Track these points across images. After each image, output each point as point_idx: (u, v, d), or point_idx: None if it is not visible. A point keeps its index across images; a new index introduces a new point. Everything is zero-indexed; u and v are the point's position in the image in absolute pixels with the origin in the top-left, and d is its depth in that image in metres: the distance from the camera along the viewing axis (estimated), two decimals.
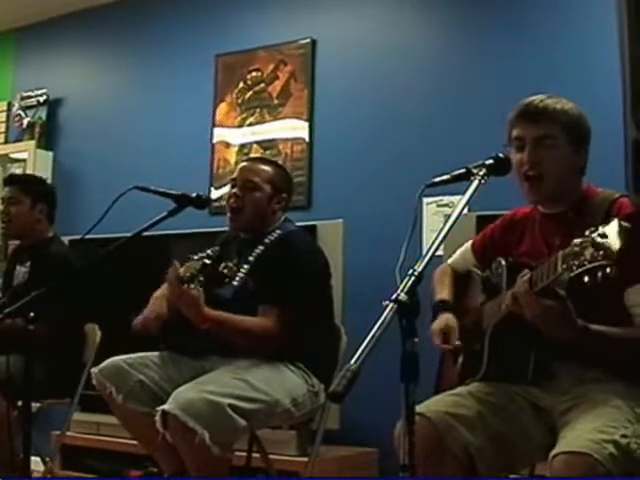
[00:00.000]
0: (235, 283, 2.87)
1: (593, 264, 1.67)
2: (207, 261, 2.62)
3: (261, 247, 2.97)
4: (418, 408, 1.97)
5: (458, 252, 2.64)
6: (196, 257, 2.68)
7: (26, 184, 3.89)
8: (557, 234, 2.19)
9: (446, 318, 2.41)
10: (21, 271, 3.76)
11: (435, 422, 2.05)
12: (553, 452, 1.87)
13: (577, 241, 1.73)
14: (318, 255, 3.06)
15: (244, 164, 3.16)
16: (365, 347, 1.51)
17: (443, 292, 2.55)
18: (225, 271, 2.64)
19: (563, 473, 1.81)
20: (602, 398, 2.01)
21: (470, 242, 2.60)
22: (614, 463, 1.81)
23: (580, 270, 1.70)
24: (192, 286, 2.62)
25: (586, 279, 1.69)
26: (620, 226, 1.65)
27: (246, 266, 2.93)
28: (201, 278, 2.61)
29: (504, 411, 2.14)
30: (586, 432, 1.88)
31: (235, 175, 3.09)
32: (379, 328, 1.54)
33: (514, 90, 3.68)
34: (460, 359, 2.44)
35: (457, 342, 2.35)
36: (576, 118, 2.21)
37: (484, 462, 2.04)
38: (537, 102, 2.20)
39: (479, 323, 2.32)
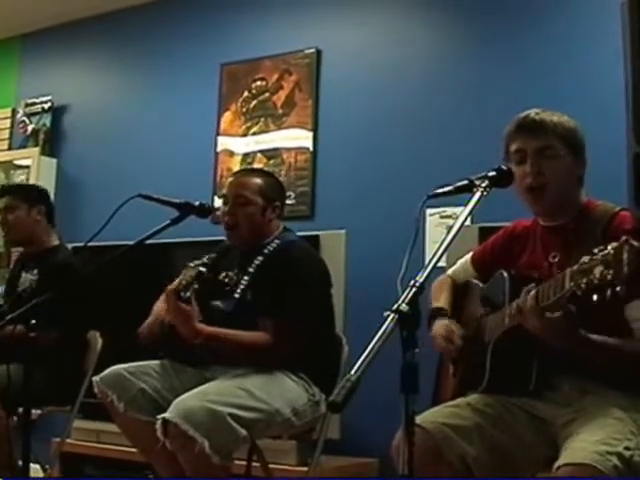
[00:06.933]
0: (236, 295, 2.87)
1: (602, 283, 1.67)
2: (202, 269, 2.62)
3: (260, 258, 2.96)
4: (416, 419, 1.97)
5: (459, 263, 2.65)
6: (192, 264, 2.68)
7: (19, 191, 3.92)
8: (557, 247, 2.21)
9: (446, 322, 2.42)
10: (27, 278, 3.76)
11: (432, 433, 2.05)
12: (557, 463, 1.87)
13: (585, 259, 1.74)
14: (318, 265, 3.05)
15: (232, 179, 3.14)
16: (365, 357, 1.50)
17: (440, 300, 2.55)
18: (226, 280, 2.64)
19: None
20: (604, 410, 2.01)
21: (470, 254, 2.61)
22: (618, 475, 1.81)
23: (589, 288, 1.71)
24: (187, 294, 2.61)
25: (595, 297, 1.70)
26: (630, 245, 1.65)
27: (246, 278, 2.93)
28: (195, 286, 2.61)
29: (502, 422, 2.14)
30: (590, 444, 1.88)
31: (225, 191, 3.08)
32: (380, 339, 1.53)
33: (515, 100, 3.72)
34: (452, 369, 2.43)
35: (459, 342, 2.34)
36: (572, 129, 2.24)
37: (481, 473, 2.05)
38: (533, 115, 2.23)
39: (480, 335, 2.31)
